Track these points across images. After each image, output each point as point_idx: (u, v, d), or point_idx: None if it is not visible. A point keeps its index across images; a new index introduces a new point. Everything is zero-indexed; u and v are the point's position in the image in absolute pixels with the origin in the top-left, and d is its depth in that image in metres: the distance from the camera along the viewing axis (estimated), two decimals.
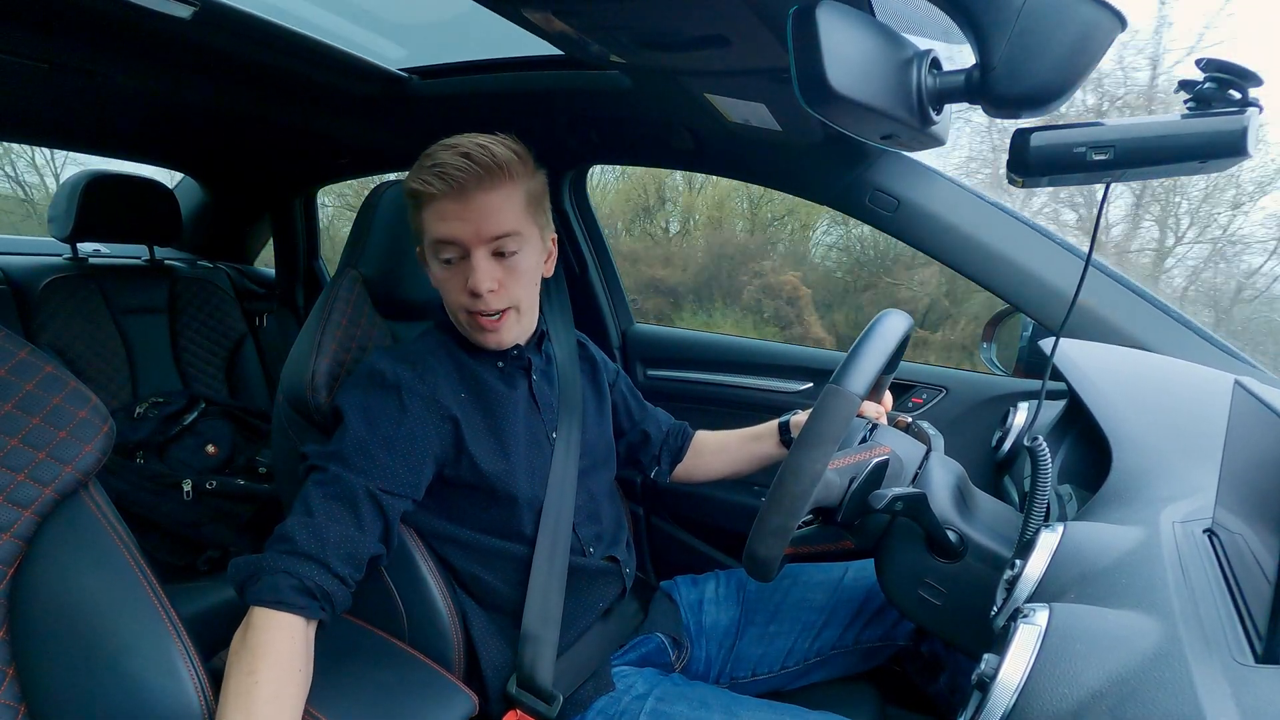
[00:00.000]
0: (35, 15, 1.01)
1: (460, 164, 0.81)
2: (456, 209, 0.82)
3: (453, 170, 0.81)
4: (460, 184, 0.81)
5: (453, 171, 0.81)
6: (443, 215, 0.83)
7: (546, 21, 0.89)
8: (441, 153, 0.83)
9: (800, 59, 0.53)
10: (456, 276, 0.86)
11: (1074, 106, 2.17)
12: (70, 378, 0.70)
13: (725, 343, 1.56)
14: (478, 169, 0.81)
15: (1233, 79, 0.56)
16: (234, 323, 1.96)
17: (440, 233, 0.84)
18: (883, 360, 0.73)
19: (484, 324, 0.87)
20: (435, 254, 0.86)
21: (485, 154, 0.82)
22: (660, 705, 0.86)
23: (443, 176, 0.81)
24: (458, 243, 0.83)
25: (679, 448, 1.17)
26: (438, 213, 0.83)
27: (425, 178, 0.82)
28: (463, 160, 0.81)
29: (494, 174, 0.83)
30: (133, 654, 0.65)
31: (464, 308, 0.87)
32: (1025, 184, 0.64)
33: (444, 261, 0.86)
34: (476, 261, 0.83)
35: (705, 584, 1.12)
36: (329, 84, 1.34)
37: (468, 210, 0.82)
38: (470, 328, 0.89)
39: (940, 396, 1.30)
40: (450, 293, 0.87)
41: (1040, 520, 0.66)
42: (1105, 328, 1.08)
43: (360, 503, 0.78)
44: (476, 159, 0.82)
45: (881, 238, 5.34)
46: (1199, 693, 0.38)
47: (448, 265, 0.86)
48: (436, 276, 0.88)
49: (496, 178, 0.83)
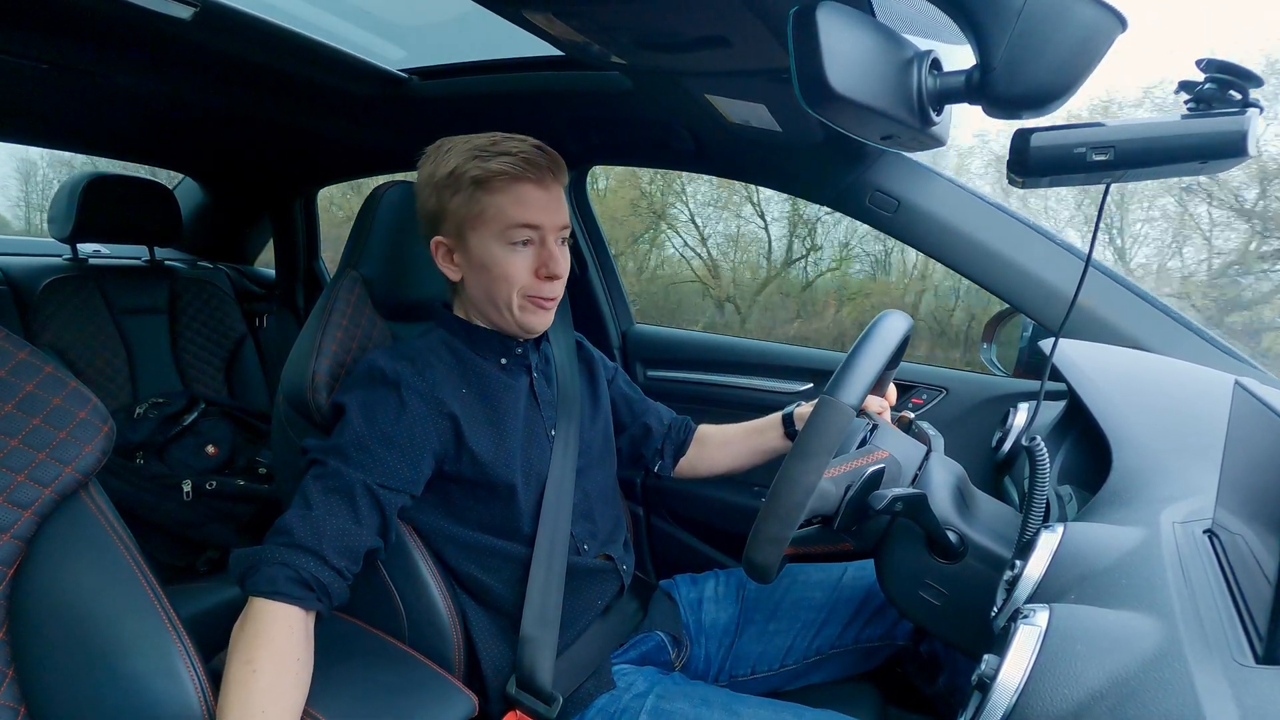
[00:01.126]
0: (36, 16, 1.01)
1: (539, 155, 0.87)
2: (540, 195, 0.87)
3: (537, 158, 0.86)
4: (544, 171, 0.86)
5: (537, 158, 0.86)
6: (524, 199, 0.86)
7: (547, 22, 0.89)
8: (509, 143, 0.87)
9: (800, 59, 0.53)
10: (526, 259, 0.88)
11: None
12: (70, 378, 0.70)
13: (725, 343, 1.56)
14: (554, 160, 0.88)
15: (1233, 79, 0.56)
16: (234, 323, 1.96)
17: (522, 216, 0.86)
18: (878, 367, 0.73)
19: (544, 305, 0.91)
20: (505, 237, 0.87)
21: (551, 149, 0.89)
22: (661, 703, 0.86)
23: (529, 162, 0.85)
24: (538, 227, 0.87)
25: (682, 441, 1.17)
26: (518, 196, 0.86)
27: (507, 161, 0.85)
28: (539, 152, 0.87)
29: (559, 170, 0.89)
30: (133, 655, 0.65)
31: (526, 290, 0.89)
32: (1025, 184, 0.64)
33: (514, 244, 0.87)
34: (552, 247, 0.88)
35: (705, 583, 1.13)
36: (329, 84, 1.34)
37: (549, 198, 0.87)
38: (524, 311, 0.90)
39: (940, 396, 1.30)
40: (516, 276, 0.88)
41: (1039, 521, 0.65)
42: (1105, 328, 1.08)
43: (358, 497, 0.78)
44: (549, 153, 0.88)
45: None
46: (1199, 693, 0.38)
47: (516, 248, 0.88)
48: (499, 261, 0.87)
49: (561, 173, 0.89)
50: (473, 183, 0.86)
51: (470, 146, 0.87)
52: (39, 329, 1.59)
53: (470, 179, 0.86)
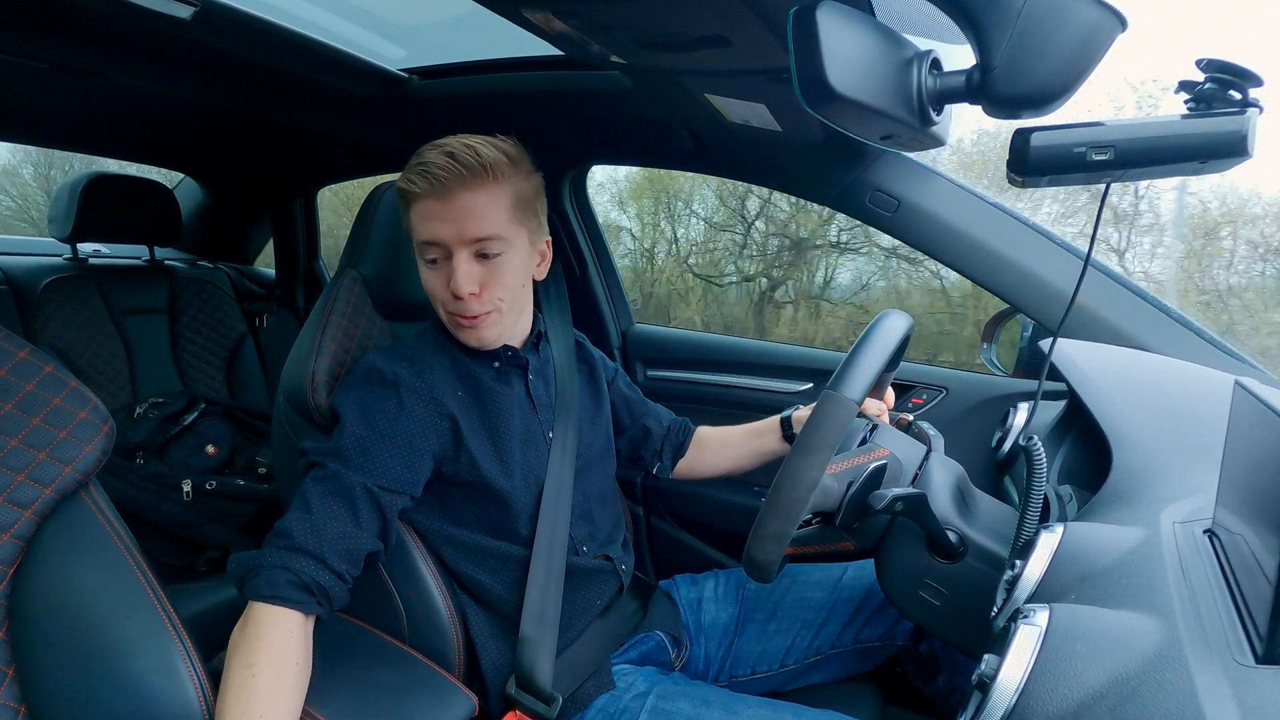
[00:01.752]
0: (36, 16, 1.01)
1: (444, 163, 0.81)
2: (440, 209, 0.82)
3: (436, 170, 0.81)
4: (443, 183, 0.81)
5: (436, 171, 0.81)
6: (427, 215, 0.83)
7: (546, 22, 0.89)
8: (429, 152, 0.83)
9: (800, 59, 0.53)
10: (440, 277, 0.86)
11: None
12: (70, 378, 0.70)
13: (725, 343, 1.56)
14: (460, 169, 0.81)
15: (1234, 79, 0.56)
16: (234, 323, 1.96)
17: (424, 233, 0.84)
18: (880, 364, 0.73)
19: (462, 322, 0.88)
20: (421, 254, 0.86)
21: (470, 154, 0.82)
22: (661, 703, 0.86)
23: (426, 175, 0.81)
24: (440, 243, 0.84)
25: (681, 443, 1.17)
26: (422, 212, 0.84)
27: (411, 176, 0.83)
28: (447, 160, 0.81)
29: (477, 175, 0.82)
30: (133, 655, 0.65)
31: (447, 309, 0.87)
32: (1025, 184, 0.64)
33: (429, 262, 0.86)
34: (458, 263, 0.83)
35: (704, 583, 1.13)
36: (329, 84, 1.34)
37: (450, 210, 0.82)
38: (454, 328, 0.90)
39: (940, 396, 1.30)
40: (435, 292, 0.88)
41: (1035, 520, 0.65)
42: (1105, 328, 1.08)
43: (358, 499, 0.78)
44: (460, 159, 0.81)
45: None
46: (1199, 693, 0.38)
47: (433, 265, 0.86)
48: (421, 276, 0.88)
49: (480, 178, 0.82)
50: (399, 198, 0.87)
51: (414, 156, 0.85)
52: (39, 329, 1.59)
53: (398, 193, 0.86)
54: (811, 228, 4.42)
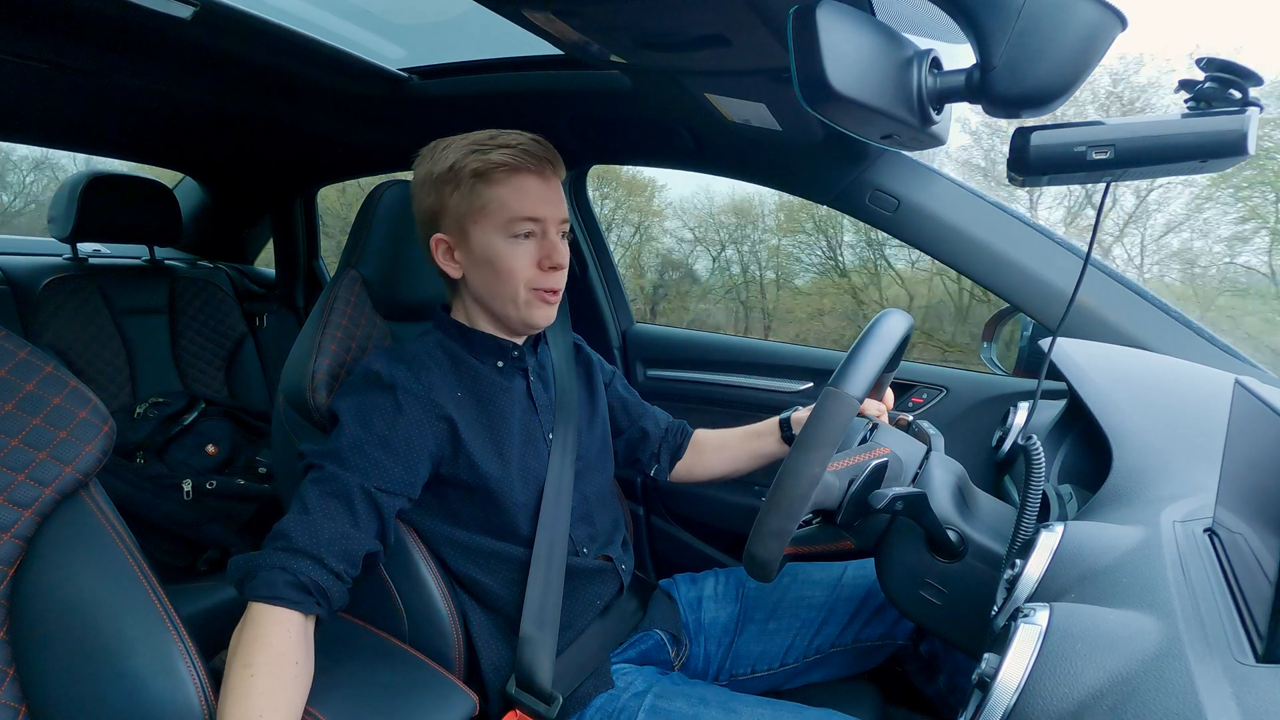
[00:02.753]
0: (36, 16, 1.01)
1: (538, 147, 0.87)
2: (541, 188, 0.87)
3: (538, 151, 0.86)
4: (544, 164, 0.87)
5: (538, 152, 0.86)
6: (527, 192, 0.86)
7: (546, 21, 0.89)
8: (506, 136, 0.87)
9: (800, 59, 0.53)
10: (529, 251, 0.88)
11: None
12: (70, 378, 0.70)
13: (725, 343, 1.56)
14: (551, 155, 0.88)
15: (1234, 79, 0.56)
16: (234, 323, 1.96)
17: (524, 208, 0.86)
18: (881, 361, 0.73)
19: (549, 298, 0.90)
20: (507, 229, 0.86)
21: (550, 145, 0.89)
22: (659, 702, 0.86)
23: (528, 154, 0.85)
24: (540, 219, 0.87)
25: (678, 445, 1.17)
26: (520, 189, 0.86)
27: (507, 154, 0.85)
28: (537, 145, 0.87)
29: (558, 163, 0.89)
30: (133, 654, 0.65)
31: (531, 283, 0.89)
32: (1025, 183, 0.64)
33: (517, 236, 0.87)
34: (554, 238, 0.88)
35: (704, 582, 1.13)
36: (329, 84, 1.34)
37: (550, 191, 0.88)
38: (529, 305, 0.90)
39: (940, 396, 1.30)
40: (520, 269, 0.88)
41: (1033, 519, 0.65)
42: (1105, 327, 1.08)
43: (355, 500, 0.78)
44: (546, 146, 0.88)
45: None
46: (1200, 692, 0.38)
47: (519, 240, 0.87)
48: (502, 254, 0.87)
49: (559, 167, 0.89)
50: (473, 176, 0.85)
51: (468, 142, 0.87)
52: (39, 329, 1.59)
53: (470, 172, 0.85)
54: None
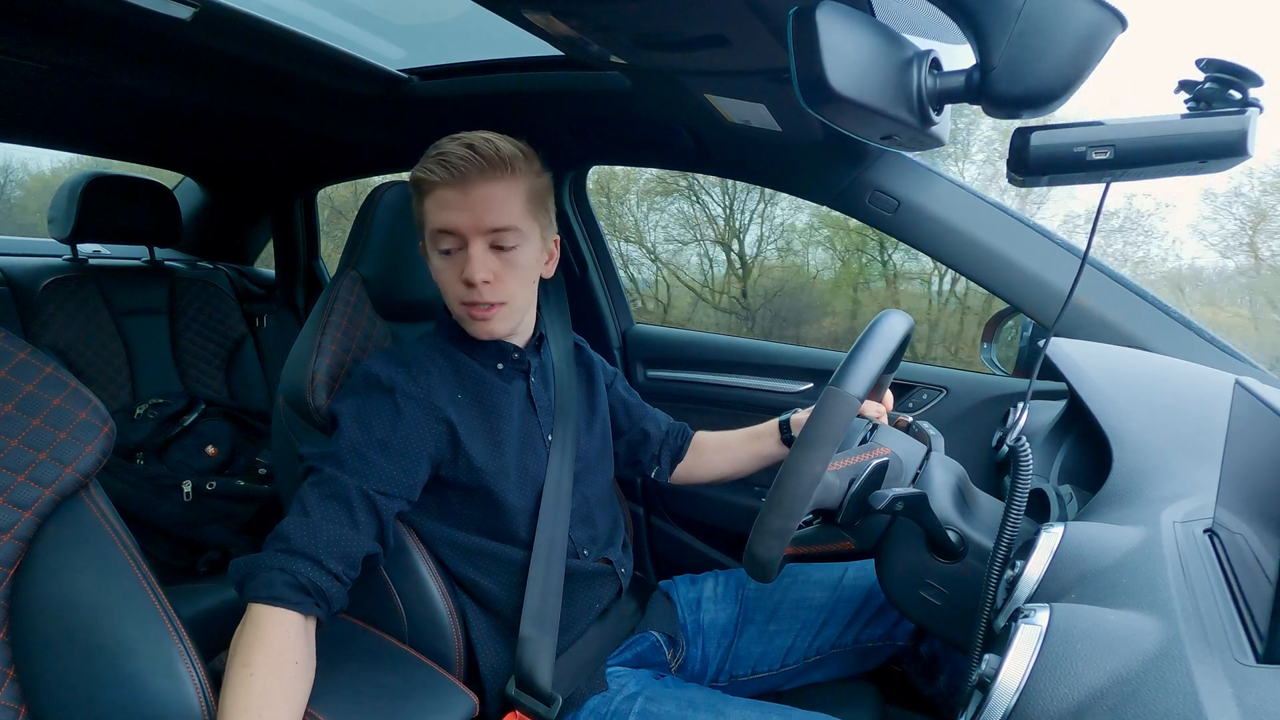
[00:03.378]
0: (36, 16, 1.01)
1: (464, 154, 0.82)
2: (457, 198, 0.83)
3: (455, 160, 0.82)
4: (462, 173, 0.82)
5: (455, 161, 0.82)
6: (443, 204, 0.84)
7: (546, 22, 0.89)
8: (447, 143, 0.85)
9: (800, 59, 0.53)
10: (454, 267, 0.86)
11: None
12: (70, 379, 0.70)
13: (725, 343, 1.56)
14: (480, 160, 0.83)
15: (1234, 79, 0.56)
16: (234, 323, 1.96)
17: (440, 221, 0.84)
18: (882, 361, 0.73)
19: (475, 314, 0.88)
20: (435, 244, 0.87)
21: (489, 146, 0.84)
22: (649, 705, 0.86)
23: (445, 165, 0.83)
24: (456, 232, 0.84)
25: (679, 447, 1.17)
26: (439, 201, 0.84)
27: (428, 165, 0.84)
28: (466, 150, 0.83)
29: (496, 166, 0.83)
30: (133, 655, 0.65)
31: (459, 298, 0.87)
32: (1025, 183, 0.64)
33: (442, 252, 0.86)
34: (473, 252, 0.84)
35: (704, 583, 1.13)
36: (329, 85, 1.34)
37: (468, 200, 0.83)
38: (463, 320, 0.90)
39: (940, 396, 1.30)
40: (446, 284, 0.88)
41: (1018, 521, 0.65)
42: (1105, 327, 1.08)
43: (354, 503, 0.78)
44: (480, 150, 0.83)
45: None
46: (1200, 693, 0.38)
47: (446, 255, 0.87)
48: (435, 267, 0.88)
49: (499, 170, 0.84)
50: (413, 188, 0.87)
51: (431, 147, 0.87)
52: (39, 329, 1.59)
53: (412, 184, 0.87)
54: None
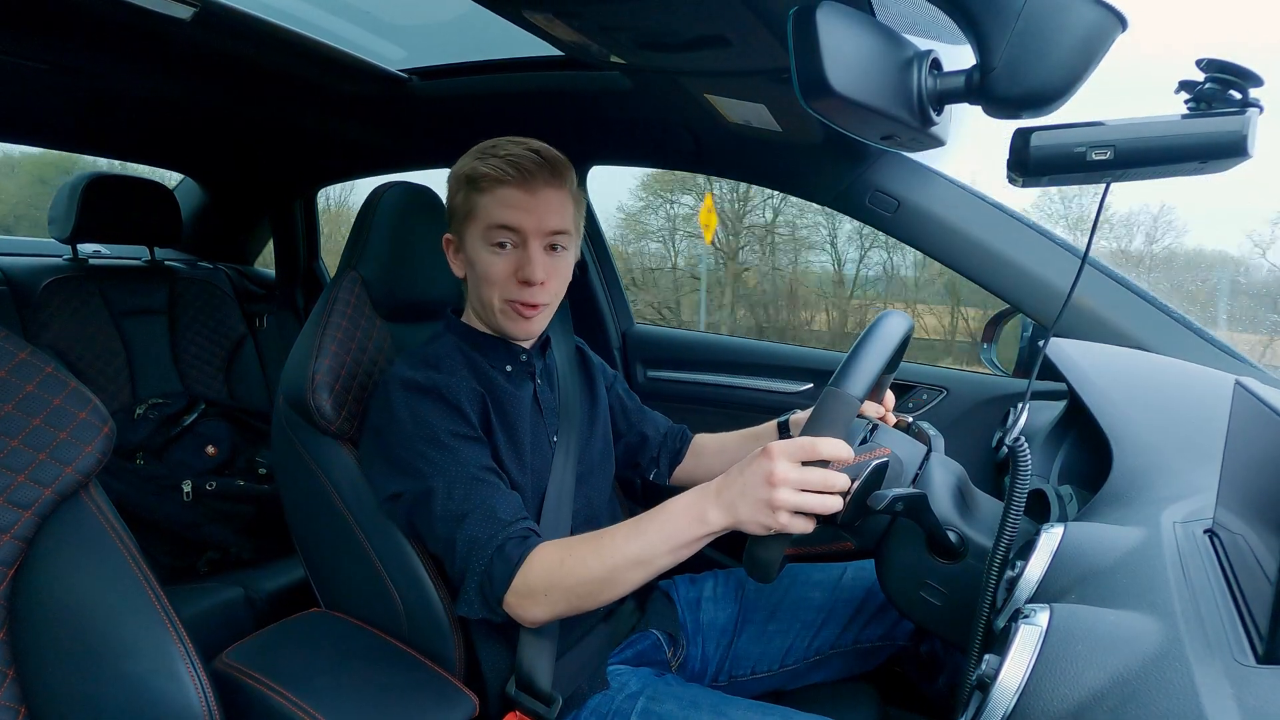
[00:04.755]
0: (35, 16, 1.01)
1: (532, 157, 0.86)
2: (524, 199, 0.86)
3: (525, 161, 0.86)
4: (531, 175, 0.86)
5: (525, 163, 0.86)
6: (507, 202, 0.86)
7: (547, 22, 0.89)
8: (509, 145, 0.88)
9: (800, 59, 0.53)
10: (507, 263, 0.88)
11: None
12: (70, 379, 0.70)
13: (725, 343, 1.56)
14: (546, 164, 0.87)
15: (1234, 79, 0.56)
16: (234, 324, 1.96)
17: (502, 218, 0.86)
18: (882, 362, 0.73)
19: (523, 312, 0.90)
20: (487, 239, 0.88)
21: (551, 153, 0.89)
22: (651, 704, 0.86)
23: (515, 165, 0.85)
24: (519, 230, 0.87)
25: (677, 449, 1.17)
26: (501, 199, 0.86)
27: (495, 164, 0.86)
28: (533, 155, 0.87)
29: (558, 173, 0.88)
30: (133, 655, 0.65)
31: (507, 295, 0.89)
32: (1025, 184, 0.64)
33: (496, 246, 0.88)
34: (532, 252, 0.87)
35: (703, 582, 1.13)
36: (329, 85, 1.34)
37: (534, 201, 0.86)
38: (504, 315, 0.91)
39: (940, 397, 1.30)
40: (495, 278, 0.89)
41: (1017, 521, 0.65)
42: (1105, 328, 1.08)
43: (480, 478, 0.82)
44: (545, 155, 0.88)
45: None
46: (1200, 693, 0.38)
47: (499, 250, 0.88)
48: (482, 261, 0.89)
49: (560, 177, 0.88)
50: (467, 181, 0.88)
51: (480, 147, 0.89)
52: (39, 329, 1.58)
53: (465, 177, 0.88)
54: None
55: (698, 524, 0.72)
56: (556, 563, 0.77)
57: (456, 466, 0.81)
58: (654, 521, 0.75)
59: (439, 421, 0.83)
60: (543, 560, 0.77)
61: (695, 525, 0.72)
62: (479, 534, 0.79)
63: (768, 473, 0.67)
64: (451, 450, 0.82)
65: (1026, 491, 0.66)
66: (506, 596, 0.78)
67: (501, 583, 0.77)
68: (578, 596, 0.77)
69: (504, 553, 0.78)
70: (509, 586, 0.77)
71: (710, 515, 0.71)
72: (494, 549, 0.78)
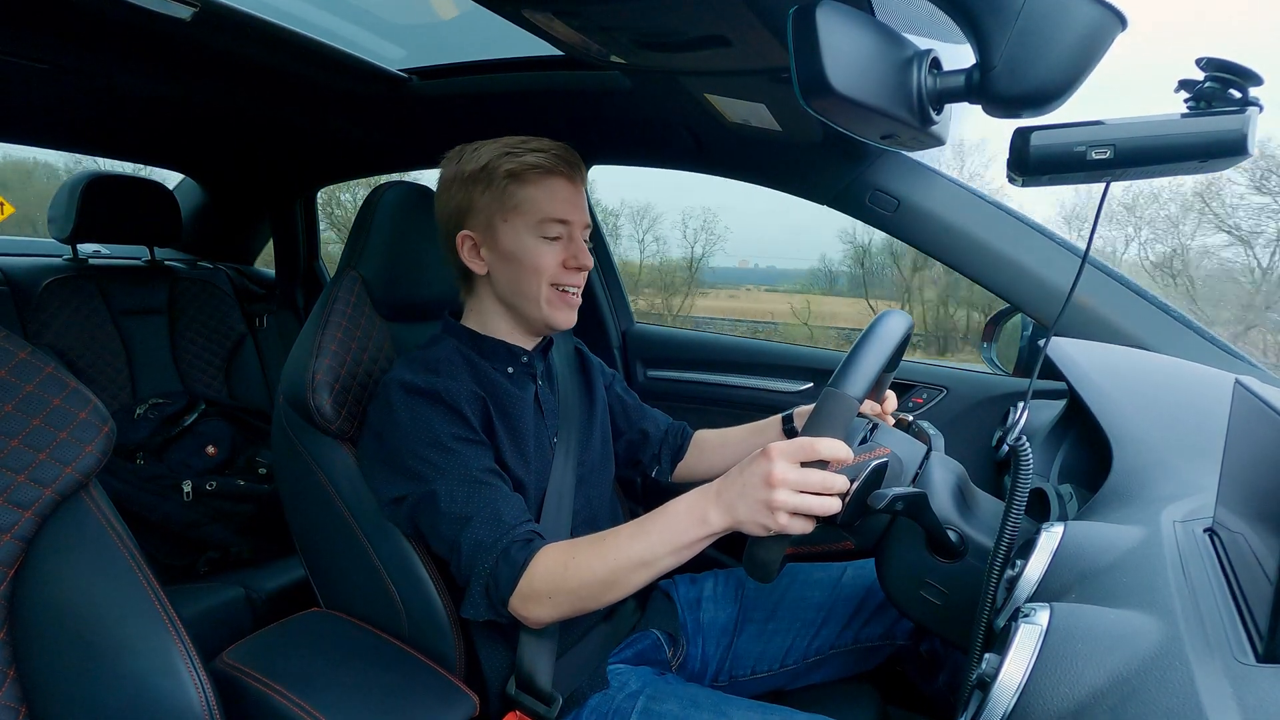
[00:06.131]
0: (36, 16, 1.01)
1: (571, 155, 0.91)
2: (571, 192, 0.91)
3: (569, 157, 0.91)
4: (575, 169, 0.92)
5: (569, 158, 0.91)
6: (558, 195, 0.90)
7: (547, 22, 0.89)
8: (538, 141, 0.91)
9: (800, 59, 0.53)
10: (556, 251, 0.91)
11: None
12: (70, 379, 0.70)
13: (725, 343, 1.56)
14: (581, 164, 0.93)
15: (1234, 78, 0.56)
16: (234, 323, 1.96)
17: (556, 210, 0.90)
18: (881, 362, 0.73)
19: (570, 299, 0.93)
20: (540, 231, 0.90)
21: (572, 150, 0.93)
22: (651, 704, 0.86)
23: (562, 159, 0.90)
24: (568, 222, 0.91)
25: (679, 446, 1.17)
26: (552, 191, 0.90)
27: (541, 157, 0.89)
28: (570, 153, 0.92)
29: (584, 170, 0.94)
30: (133, 655, 0.65)
31: (554, 279, 0.91)
32: (1025, 183, 0.64)
33: (548, 237, 0.90)
34: (580, 242, 0.92)
35: (704, 582, 1.13)
36: (329, 84, 1.34)
37: (578, 195, 0.92)
38: (550, 305, 0.92)
39: (940, 396, 1.30)
40: (544, 266, 0.91)
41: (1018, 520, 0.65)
42: (1105, 327, 1.08)
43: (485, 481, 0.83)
44: (576, 156, 0.93)
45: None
46: (1200, 692, 0.38)
47: (547, 241, 0.90)
48: (531, 252, 0.90)
49: (584, 174, 0.94)
50: (507, 176, 0.89)
51: (501, 144, 0.90)
52: (39, 329, 1.59)
53: (505, 172, 0.89)
54: None
55: (699, 525, 0.72)
56: (560, 565, 0.77)
57: (459, 469, 0.82)
58: (656, 523, 0.75)
59: (440, 425, 0.83)
60: (547, 563, 0.77)
61: (697, 526, 0.73)
62: (483, 537, 0.79)
63: (766, 474, 0.67)
64: (453, 453, 0.82)
65: (1028, 491, 0.66)
66: (511, 599, 0.78)
67: (507, 586, 0.78)
68: (581, 598, 0.77)
69: (509, 556, 0.78)
70: (514, 589, 0.77)
71: (711, 516, 0.72)
72: (498, 552, 0.78)
